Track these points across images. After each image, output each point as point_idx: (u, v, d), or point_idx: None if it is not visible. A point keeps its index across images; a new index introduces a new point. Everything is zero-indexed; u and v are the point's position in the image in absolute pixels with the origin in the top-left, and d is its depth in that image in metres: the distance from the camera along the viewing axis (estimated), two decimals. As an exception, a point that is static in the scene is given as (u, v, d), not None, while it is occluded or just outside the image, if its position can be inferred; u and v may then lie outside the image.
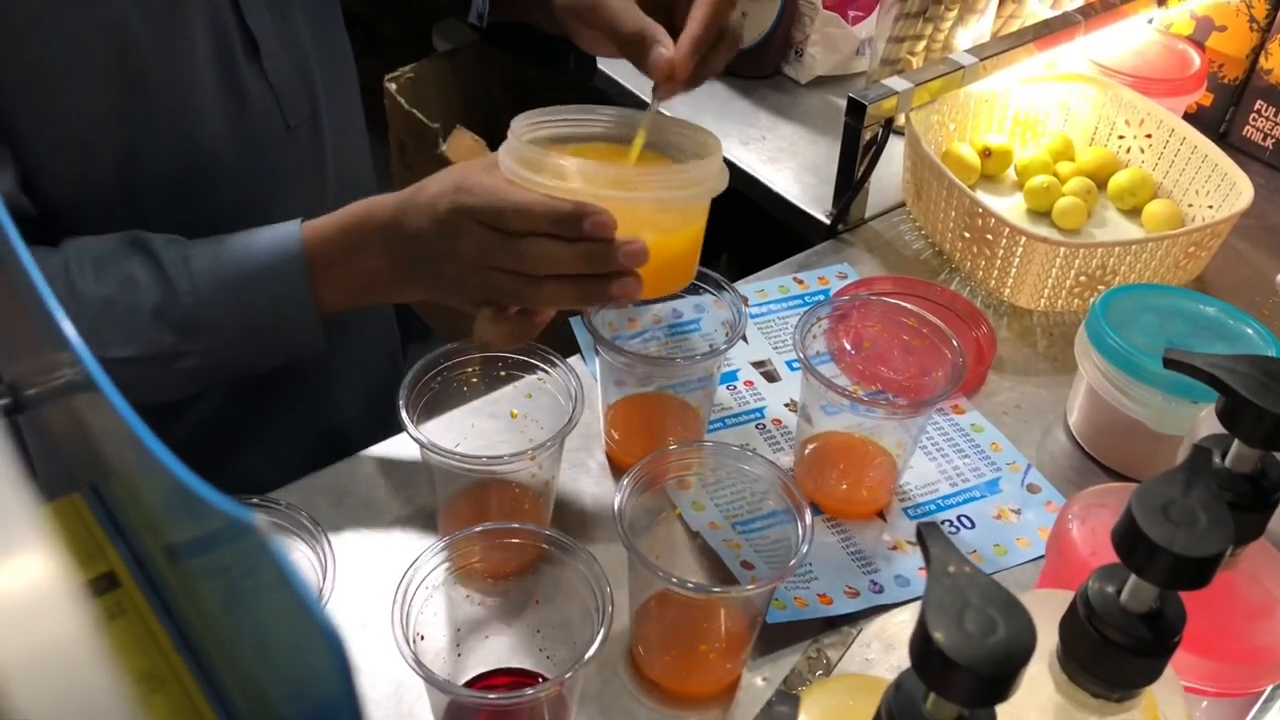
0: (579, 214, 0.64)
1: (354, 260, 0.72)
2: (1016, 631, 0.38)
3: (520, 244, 0.65)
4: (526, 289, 0.67)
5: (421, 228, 0.68)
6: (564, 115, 0.73)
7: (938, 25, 1.21)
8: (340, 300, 0.73)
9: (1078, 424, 0.88)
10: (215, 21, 0.76)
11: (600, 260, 0.65)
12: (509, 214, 0.65)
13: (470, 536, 0.64)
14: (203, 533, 0.27)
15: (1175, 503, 0.44)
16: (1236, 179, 1.02)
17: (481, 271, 0.67)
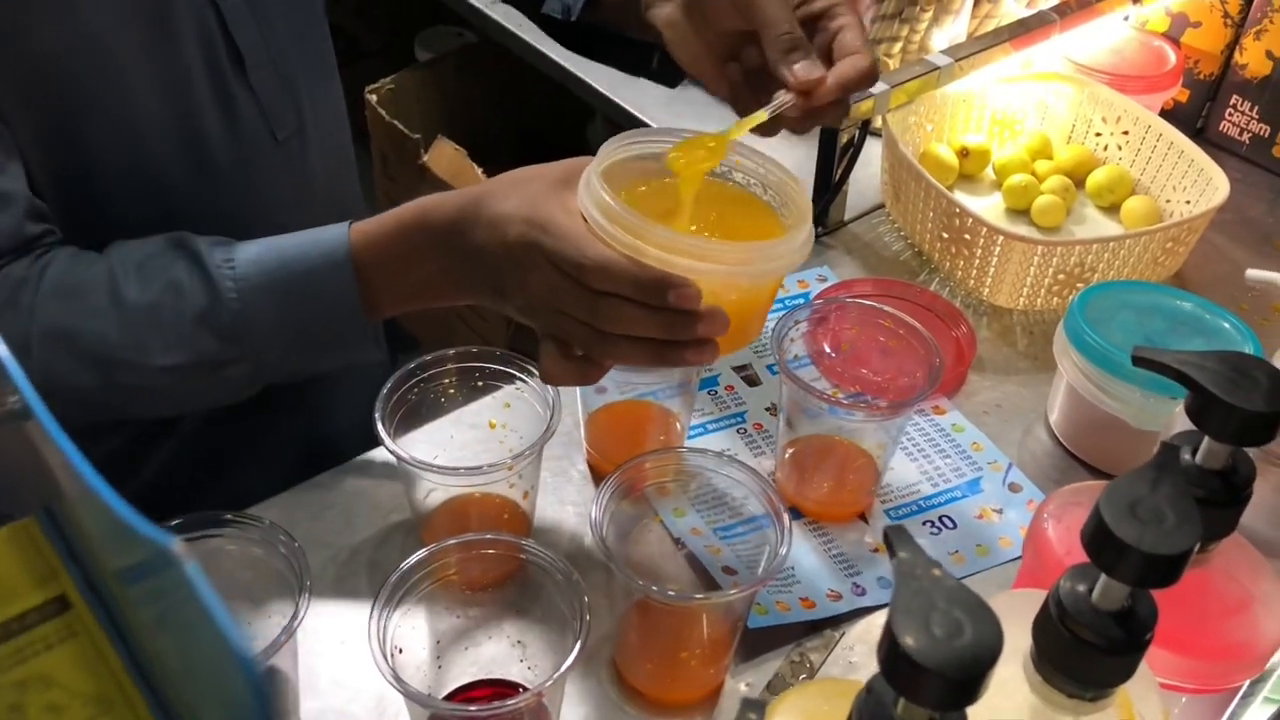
0: (665, 284, 0.60)
1: (408, 265, 0.70)
2: (983, 634, 0.38)
3: (597, 301, 0.62)
4: (598, 343, 0.64)
5: (486, 245, 0.65)
6: (647, 137, 0.69)
7: (913, 27, 1.21)
8: (395, 304, 0.72)
9: (1058, 422, 0.89)
10: (201, 35, 0.76)
11: (680, 329, 0.62)
12: (589, 270, 0.61)
13: (448, 548, 0.64)
14: (136, 559, 0.27)
15: (1143, 501, 0.44)
16: (1213, 174, 1.03)
17: (551, 312, 0.64)
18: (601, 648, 0.71)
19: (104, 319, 0.68)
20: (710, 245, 0.63)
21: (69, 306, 0.68)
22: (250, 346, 0.69)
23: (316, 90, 0.88)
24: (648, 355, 0.64)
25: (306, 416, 0.94)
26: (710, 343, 0.64)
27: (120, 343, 0.68)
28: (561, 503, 0.82)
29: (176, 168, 0.77)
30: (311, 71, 0.87)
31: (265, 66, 0.81)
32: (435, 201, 0.68)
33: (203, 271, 0.69)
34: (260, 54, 0.80)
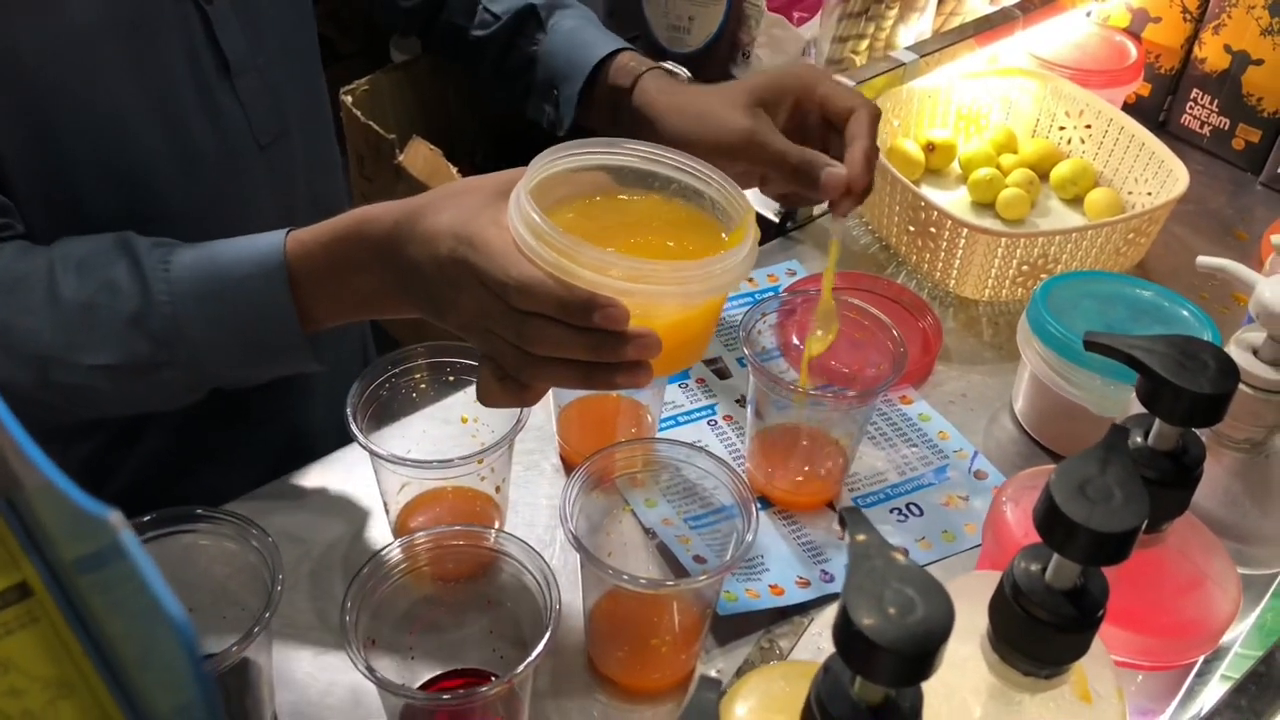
0: (590, 305, 0.58)
1: (343, 276, 0.68)
2: (935, 611, 0.39)
3: (522, 321, 0.60)
4: (525, 365, 0.62)
5: (420, 261, 0.63)
6: (588, 148, 0.67)
7: (879, 24, 1.23)
8: (331, 315, 0.70)
9: (1023, 410, 0.90)
10: (185, 40, 0.76)
11: (609, 351, 0.60)
12: (513, 289, 0.59)
13: (420, 541, 0.65)
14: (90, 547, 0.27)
15: (1092, 481, 0.46)
16: (1174, 166, 1.05)
17: (481, 331, 0.62)
18: (573, 636, 0.72)
19: (38, 315, 0.67)
20: (643, 265, 0.60)
21: (5, 301, 0.67)
22: (183, 351, 0.68)
23: (302, 96, 0.88)
24: (576, 378, 0.62)
25: (284, 417, 0.94)
26: (643, 365, 0.61)
27: (53, 340, 0.67)
28: (534, 496, 0.83)
29: (159, 171, 0.77)
30: (297, 78, 0.87)
31: (251, 73, 0.81)
32: (373, 213, 0.67)
33: (139, 272, 0.67)
34: (246, 61, 0.80)
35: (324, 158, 0.95)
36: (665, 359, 0.62)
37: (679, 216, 0.68)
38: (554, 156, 0.65)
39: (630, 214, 0.68)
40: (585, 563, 0.66)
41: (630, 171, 0.68)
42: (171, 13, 0.75)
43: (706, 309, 0.65)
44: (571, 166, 0.66)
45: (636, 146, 0.68)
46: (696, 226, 0.68)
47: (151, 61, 0.74)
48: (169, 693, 0.24)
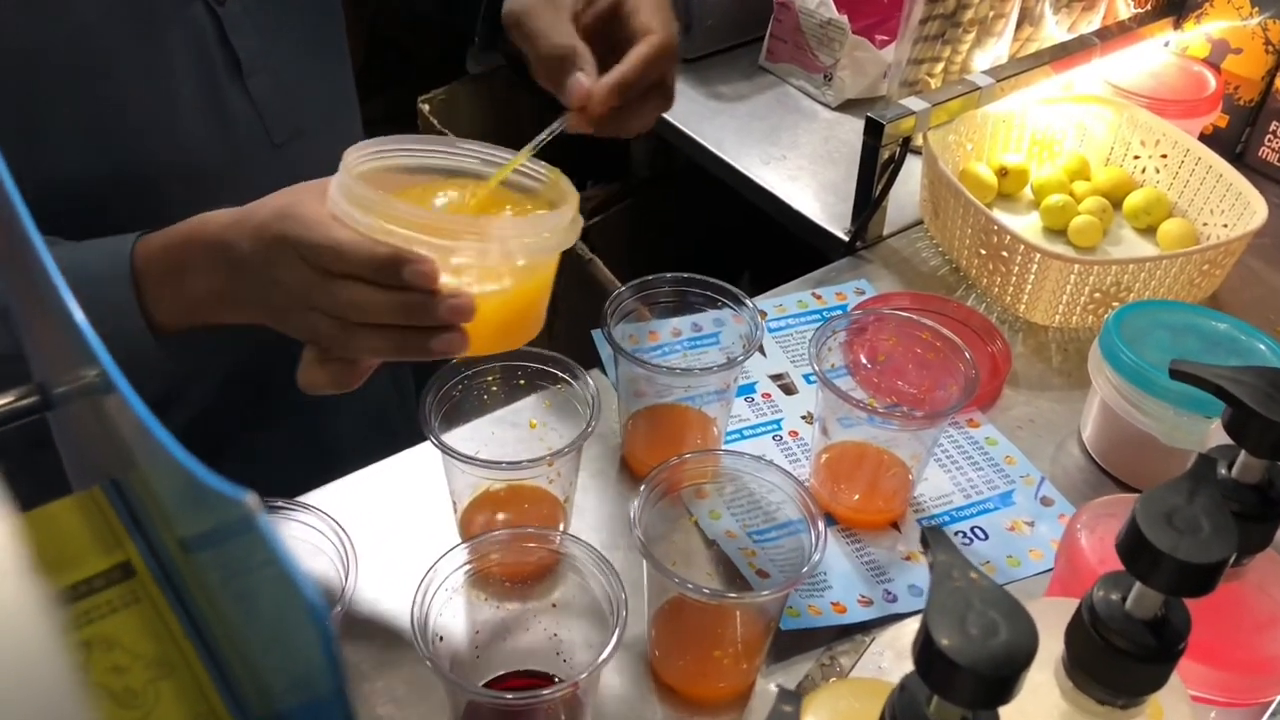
0: (396, 261, 0.57)
1: (181, 279, 0.66)
2: (1018, 634, 0.39)
3: (336, 286, 0.59)
4: (340, 335, 0.60)
5: (247, 252, 0.62)
6: (414, 145, 0.67)
7: (955, 48, 1.22)
8: (173, 319, 0.68)
9: (1091, 438, 0.89)
10: (194, 38, 0.76)
11: (420, 313, 0.59)
12: (324, 252, 0.58)
13: (489, 540, 0.66)
14: (207, 525, 0.28)
15: (1179, 510, 0.45)
16: (1251, 198, 1.03)
17: (302, 310, 0.61)
18: (634, 644, 0.73)
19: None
20: (456, 218, 0.59)
21: None
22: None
23: (323, 95, 0.88)
24: (390, 345, 0.61)
25: (308, 419, 0.95)
26: (457, 331, 0.60)
27: None
28: (599, 502, 0.83)
29: (165, 168, 0.78)
30: (318, 76, 0.87)
31: (264, 72, 0.81)
32: (212, 215, 0.66)
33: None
34: (259, 60, 0.80)
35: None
36: (486, 333, 0.62)
37: (508, 200, 0.67)
38: (377, 147, 0.65)
39: (455, 197, 0.67)
40: (651, 570, 0.66)
41: (462, 172, 0.67)
42: (178, 12, 0.75)
43: (529, 283, 0.63)
44: (400, 164, 0.66)
45: (471, 147, 0.67)
46: (523, 211, 0.67)
47: (156, 60, 0.74)
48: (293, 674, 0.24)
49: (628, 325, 0.84)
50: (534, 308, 0.66)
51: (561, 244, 0.62)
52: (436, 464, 0.77)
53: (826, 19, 1.31)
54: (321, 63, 0.88)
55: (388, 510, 0.81)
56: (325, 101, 0.89)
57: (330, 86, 0.91)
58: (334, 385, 0.64)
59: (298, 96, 0.84)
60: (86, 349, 0.28)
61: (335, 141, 0.90)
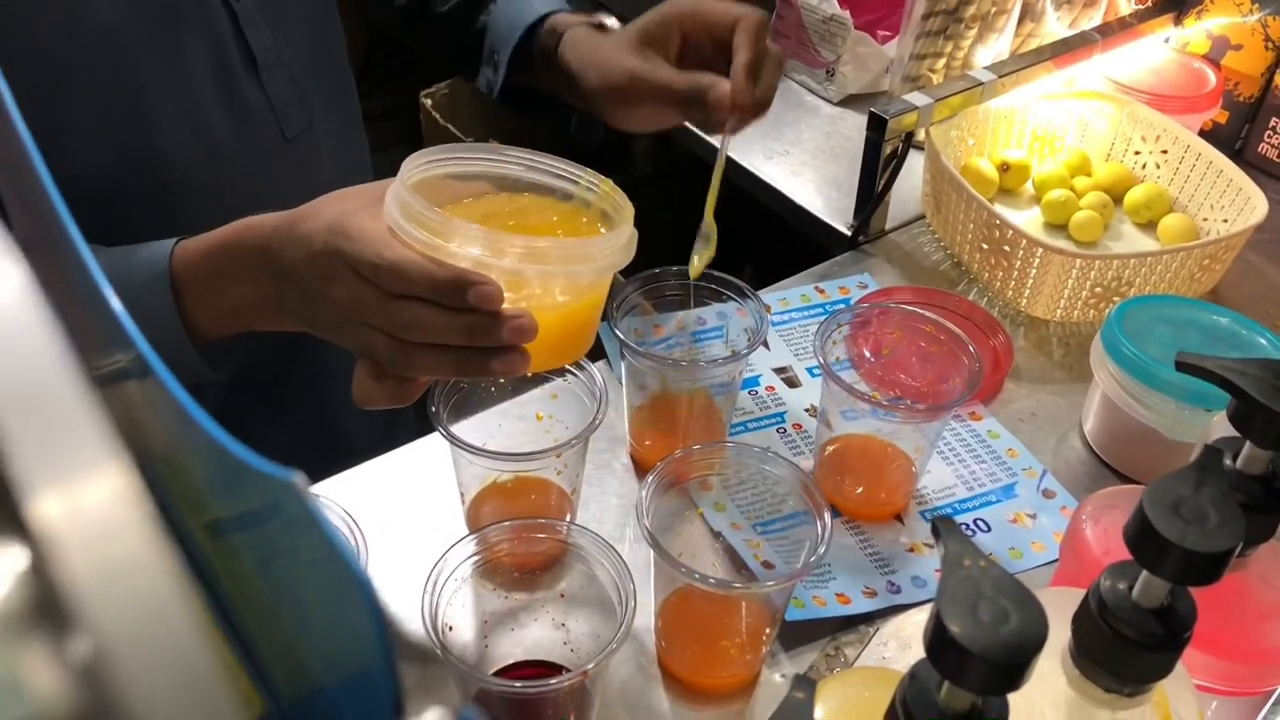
0: (462, 283, 0.56)
1: (223, 285, 0.66)
2: (1029, 621, 0.39)
3: (395, 306, 0.58)
4: (400, 355, 0.59)
5: (296, 261, 0.61)
6: (466, 153, 0.66)
7: (958, 43, 1.23)
8: (213, 326, 0.68)
9: (1093, 431, 0.90)
10: (212, 34, 0.76)
11: (483, 334, 0.58)
12: (384, 272, 0.57)
13: (498, 530, 0.66)
14: (245, 506, 0.29)
15: (1186, 500, 0.46)
16: (1251, 194, 1.04)
17: (356, 325, 0.60)
18: (642, 634, 0.73)
19: None
20: (517, 239, 0.58)
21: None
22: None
23: (328, 89, 0.89)
24: (451, 365, 0.60)
25: (314, 414, 0.95)
26: (519, 352, 0.59)
27: None
28: (604, 494, 0.84)
29: (185, 163, 0.78)
30: (323, 71, 0.88)
31: (277, 66, 0.81)
32: (255, 220, 0.65)
33: None
34: (272, 54, 0.81)
35: (350, 152, 0.95)
36: (544, 351, 0.61)
37: (559, 212, 0.67)
38: (431, 157, 0.64)
39: (509, 210, 0.66)
40: (658, 560, 0.67)
41: (514, 180, 0.67)
42: (198, 9, 0.75)
43: (585, 300, 0.63)
44: (451, 172, 0.65)
45: (519, 154, 0.67)
46: (576, 223, 0.66)
47: (177, 56, 0.75)
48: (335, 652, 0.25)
49: (633, 319, 0.85)
50: (590, 323, 0.66)
51: (621, 263, 0.62)
52: (445, 455, 0.77)
53: (829, 15, 1.31)
54: (325, 61, 0.89)
55: (396, 501, 0.82)
56: (329, 98, 0.89)
57: (334, 83, 0.91)
58: (391, 400, 0.63)
59: (305, 92, 0.85)
60: (120, 333, 0.28)
61: (338, 138, 0.92)
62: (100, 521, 0.15)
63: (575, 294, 0.62)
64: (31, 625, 0.16)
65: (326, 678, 0.26)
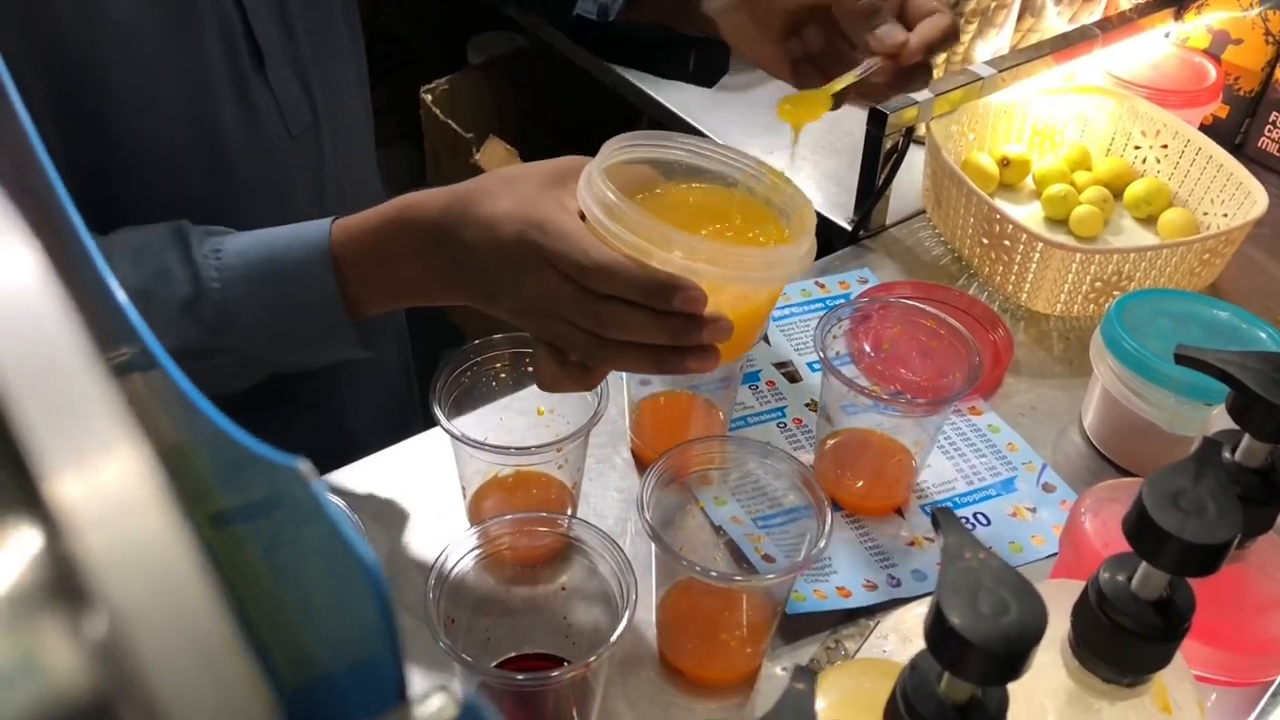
0: (672, 288, 0.58)
1: (390, 262, 0.68)
2: (1028, 612, 0.39)
3: (599, 305, 0.59)
4: (596, 349, 0.61)
5: (478, 243, 0.63)
6: (664, 141, 0.68)
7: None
8: (378, 302, 0.70)
9: (1092, 425, 0.90)
10: (224, 29, 0.76)
11: (684, 335, 0.60)
12: (592, 273, 0.58)
13: (500, 524, 0.66)
14: (251, 496, 0.29)
15: (1185, 492, 0.46)
16: (1251, 188, 1.04)
17: (546, 316, 0.62)
18: (643, 628, 0.73)
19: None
20: (720, 248, 0.61)
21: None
22: (234, 337, 0.69)
23: (332, 87, 0.89)
24: (648, 362, 0.62)
25: (324, 412, 0.95)
26: (713, 350, 0.62)
27: None
28: (605, 488, 0.84)
29: (193, 160, 0.78)
30: (328, 69, 0.88)
31: (283, 64, 0.81)
32: (419, 199, 0.66)
33: (190, 260, 0.68)
34: (279, 51, 0.81)
35: (358, 150, 0.95)
36: (730, 345, 0.63)
37: (734, 206, 0.68)
38: (623, 144, 0.65)
39: (688, 204, 0.68)
40: (659, 554, 0.67)
41: (679, 166, 0.68)
42: (209, 5, 0.75)
43: (770, 297, 0.67)
44: (634, 158, 0.67)
45: (685, 140, 0.68)
46: (751, 216, 0.68)
47: (189, 53, 0.75)
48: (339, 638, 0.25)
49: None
50: (765, 318, 0.69)
51: (808, 267, 0.64)
52: (446, 450, 0.78)
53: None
54: (330, 56, 0.89)
55: (398, 495, 0.82)
56: (335, 94, 0.89)
57: (339, 79, 0.91)
58: (578, 386, 0.65)
59: (312, 89, 0.85)
60: (125, 325, 0.28)
61: (343, 135, 0.91)
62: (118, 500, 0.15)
63: (766, 294, 0.65)
64: (47, 605, 0.16)
65: (330, 665, 0.26)
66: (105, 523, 0.15)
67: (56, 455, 0.15)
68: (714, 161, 0.69)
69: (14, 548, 0.17)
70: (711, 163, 0.69)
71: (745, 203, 0.69)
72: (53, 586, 0.16)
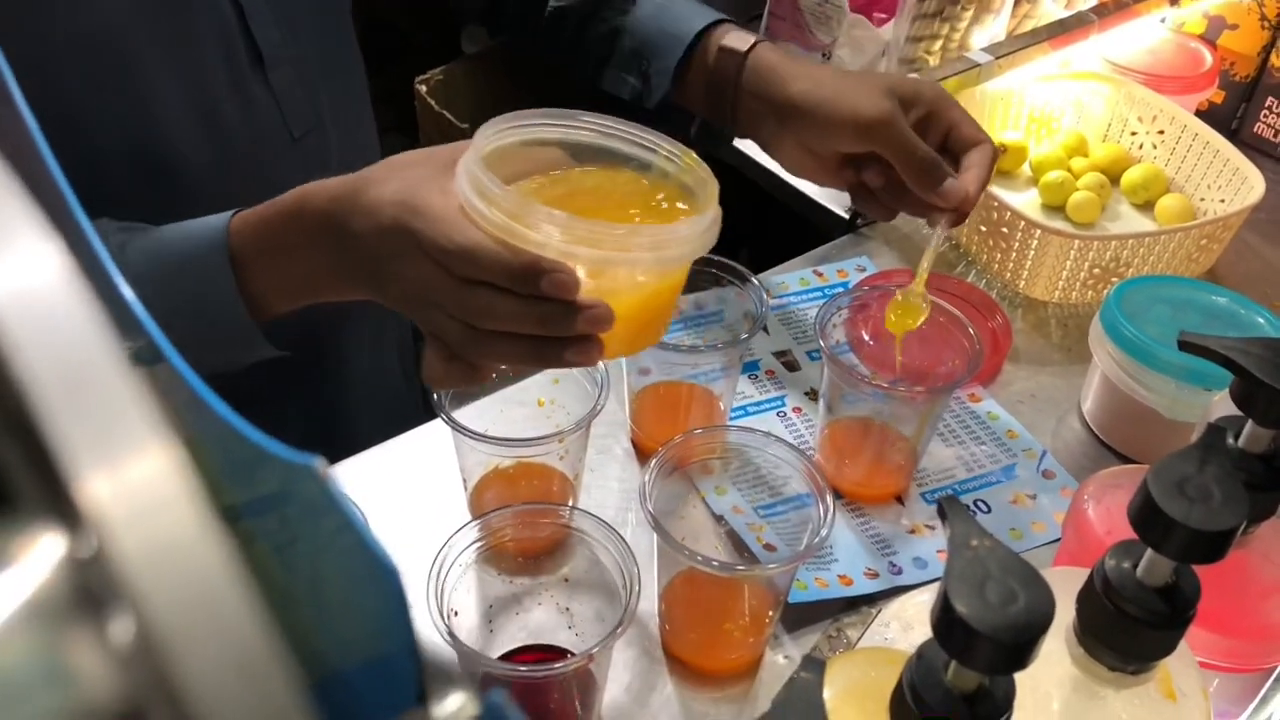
0: (536, 270, 0.54)
1: (285, 255, 0.65)
2: (1036, 601, 0.39)
3: (466, 292, 0.56)
4: (471, 341, 0.58)
5: (362, 232, 0.59)
6: (541, 120, 0.63)
7: (954, 25, 1.22)
8: (279, 298, 0.67)
9: (1092, 412, 0.90)
10: (219, 31, 0.76)
11: (557, 323, 0.56)
12: (455, 256, 0.55)
13: (502, 515, 0.66)
14: (260, 491, 0.29)
15: (1191, 479, 0.46)
16: (1248, 173, 1.04)
17: (426, 305, 0.59)
18: (646, 618, 0.74)
19: None
20: (599, 227, 0.55)
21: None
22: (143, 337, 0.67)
23: (337, 90, 0.88)
24: (523, 353, 0.58)
25: (321, 397, 0.95)
26: (593, 340, 0.58)
27: None
28: (605, 479, 0.84)
29: (191, 162, 0.78)
30: (333, 72, 0.87)
31: (284, 66, 0.81)
32: (313, 189, 0.63)
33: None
34: (280, 53, 0.80)
35: (360, 151, 0.94)
36: (621, 338, 0.59)
37: (640, 189, 0.64)
38: (505, 125, 0.61)
39: (587, 186, 0.63)
40: (661, 544, 0.67)
41: (587, 147, 0.64)
42: (204, 4, 0.75)
43: (664, 285, 0.61)
44: (524, 139, 0.62)
45: (593, 119, 0.64)
46: (658, 200, 0.64)
47: (183, 53, 0.74)
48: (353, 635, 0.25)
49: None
50: (668, 308, 0.64)
51: (705, 248, 0.59)
52: (447, 441, 0.77)
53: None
54: (334, 58, 0.88)
55: (399, 487, 0.82)
56: (338, 97, 0.89)
57: (343, 82, 0.91)
58: (462, 382, 0.62)
59: (315, 91, 0.84)
60: (131, 319, 0.28)
61: (348, 137, 0.91)
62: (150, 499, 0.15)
63: (656, 278, 0.60)
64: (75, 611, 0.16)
65: (343, 663, 0.26)
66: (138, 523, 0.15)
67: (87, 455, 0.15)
68: (626, 143, 0.64)
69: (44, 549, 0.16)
70: (624, 144, 0.64)
71: (645, 183, 0.64)
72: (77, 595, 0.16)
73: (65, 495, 0.15)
